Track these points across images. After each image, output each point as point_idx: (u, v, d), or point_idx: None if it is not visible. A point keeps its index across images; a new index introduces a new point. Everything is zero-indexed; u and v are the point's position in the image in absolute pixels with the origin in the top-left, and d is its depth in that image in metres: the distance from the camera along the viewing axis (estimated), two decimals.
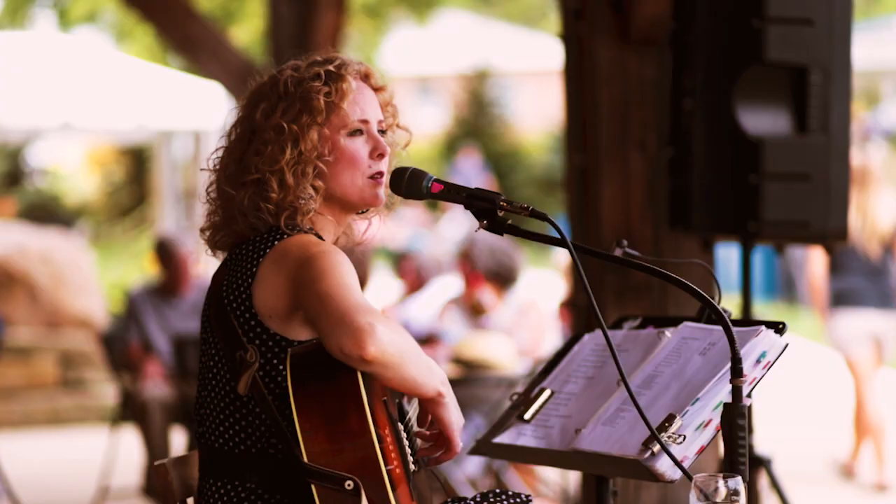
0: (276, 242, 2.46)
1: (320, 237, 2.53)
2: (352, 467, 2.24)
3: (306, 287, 2.35)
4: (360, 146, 2.55)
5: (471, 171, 20.94)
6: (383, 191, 2.58)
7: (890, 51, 21.68)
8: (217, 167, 2.59)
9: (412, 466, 2.45)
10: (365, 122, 2.56)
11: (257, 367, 2.40)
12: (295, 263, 2.40)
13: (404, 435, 2.45)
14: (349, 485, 2.23)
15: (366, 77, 2.62)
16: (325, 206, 2.56)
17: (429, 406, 2.42)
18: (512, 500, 2.58)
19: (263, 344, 2.43)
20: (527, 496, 2.60)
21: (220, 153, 2.60)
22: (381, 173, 2.56)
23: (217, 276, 2.55)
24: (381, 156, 2.55)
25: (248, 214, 2.51)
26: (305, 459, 2.26)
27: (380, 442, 2.26)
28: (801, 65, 3.93)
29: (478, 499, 2.59)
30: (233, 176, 2.54)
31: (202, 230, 2.62)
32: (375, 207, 2.61)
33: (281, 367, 2.41)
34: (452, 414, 2.43)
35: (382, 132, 2.60)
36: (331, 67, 2.56)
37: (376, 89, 2.63)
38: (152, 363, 6.89)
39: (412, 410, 2.61)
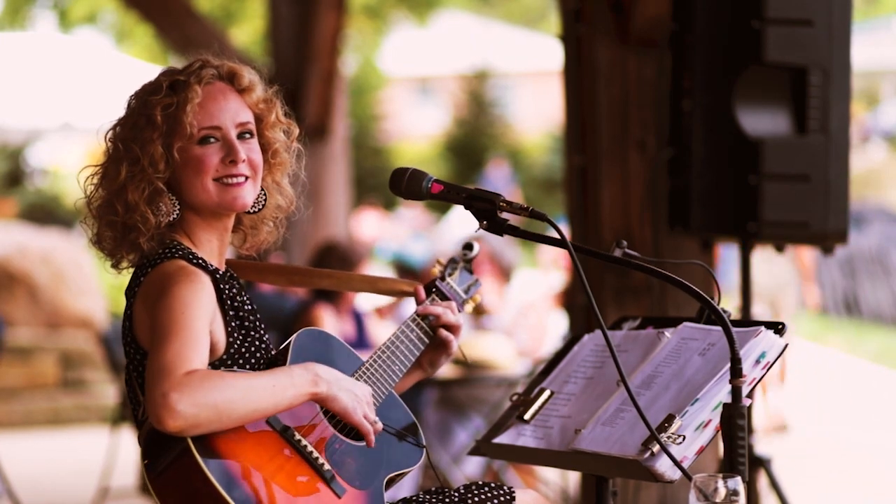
0: (142, 278, 2.45)
1: (192, 254, 2.49)
2: None
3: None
4: (211, 152, 2.49)
5: (500, 181, 20.95)
6: (246, 194, 2.51)
7: (889, 51, 21.70)
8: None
9: (328, 467, 2.38)
10: (216, 128, 2.50)
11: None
12: (153, 300, 2.38)
13: (306, 444, 2.38)
14: None
15: (230, 78, 2.55)
16: (195, 215, 2.53)
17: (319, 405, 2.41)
18: (495, 492, 2.57)
19: None
20: (510, 489, 2.59)
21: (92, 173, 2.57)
22: (233, 175, 2.49)
23: None
24: (234, 162, 2.49)
25: (103, 239, 2.52)
26: None
27: (230, 489, 2.21)
28: (800, 65, 3.93)
29: (461, 490, 2.58)
30: (89, 202, 2.54)
31: (91, 243, 2.60)
32: (237, 211, 2.54)
33: None
34: (340, 403, 2.37)
35: (247, 134, 2.54)
36: (180, 76, 2.51)
37: (242, 90, 2.56)
38: None
39: None
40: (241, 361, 2.46)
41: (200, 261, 2.49)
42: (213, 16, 15.50)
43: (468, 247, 2.90)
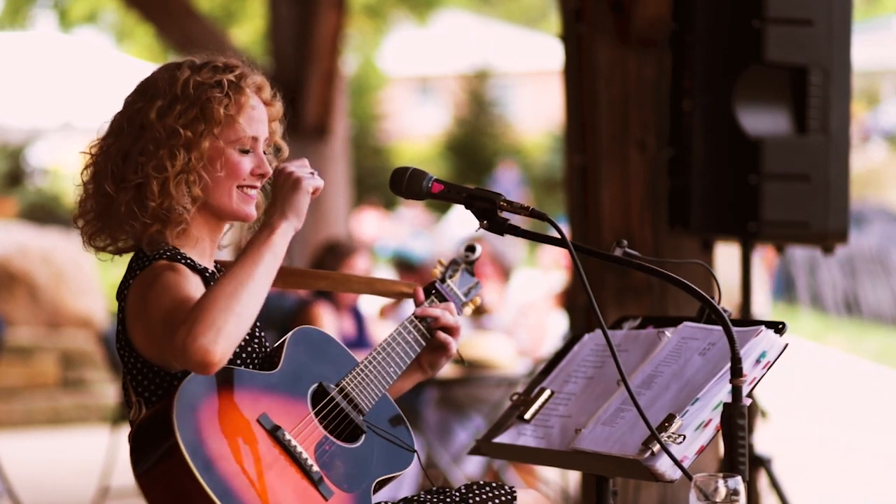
0: (131, 281, 2.45)
1: (179, 254, 2.48)
2: None
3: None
4: (246, 161, 2.52)
5: (510, 184, 20.96)
6: (256, 207, 2.56)
7: (890, 51, 21.69)
8: (99, 157, 2.53)
9: (316, 468, 2.37)
10: (255, 139, 2.53)
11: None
12: (141, 299, 2.39)
13: (295, 444, 2.36)
14: None
15: (259, 90, 2.58)
16: (200, 215, 2.53)
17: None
18: (496, 492, 2.57)
19: (151, 382, 2.42)
20: (511, 488, 2.59)
21: (106, 141, 2.54)
22: (254, 187, 2.54)
23: None
24: (262, 176, 2.53)
25: (121, 219, 2.48)
26: None
27: (217, 488, 2.21)
28: (800, 65, 3.93)
29: (462, 490, 2.58)
30: (115, 174, 2.49)
31: (76, 218, 2.56)
32: (245, 222, 2.57)
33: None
34: (296, 206, 2.38)
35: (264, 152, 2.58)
36: (232, 77, 2.52)
37: (267, 103, 2.59)
38: None
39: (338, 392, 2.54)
40: (236, 361, 2.46)
41: (188, 261, 2.48)
42: (214, 15, 15.51)
43: (470, 248, 2.87)
